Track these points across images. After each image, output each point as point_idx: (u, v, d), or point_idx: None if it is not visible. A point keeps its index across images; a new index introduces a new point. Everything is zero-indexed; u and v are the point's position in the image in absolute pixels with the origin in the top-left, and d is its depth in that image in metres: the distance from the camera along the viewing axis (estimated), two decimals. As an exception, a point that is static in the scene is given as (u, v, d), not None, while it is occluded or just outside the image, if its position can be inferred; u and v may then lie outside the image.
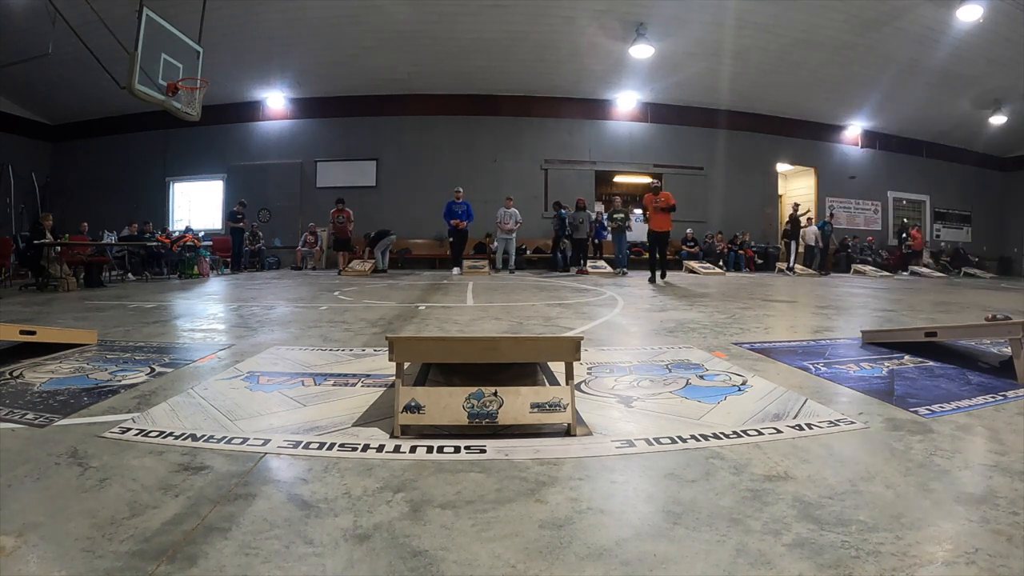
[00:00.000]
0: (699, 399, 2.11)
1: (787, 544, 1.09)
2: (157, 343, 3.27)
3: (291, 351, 3.01)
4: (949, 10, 9.77)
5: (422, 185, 13.01)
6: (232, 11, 9.61)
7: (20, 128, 13.09)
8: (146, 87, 6.46)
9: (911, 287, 9.00)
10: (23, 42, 9.27)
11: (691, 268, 11.92)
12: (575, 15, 10.47)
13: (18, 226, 11.69)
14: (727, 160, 13.96)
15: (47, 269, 7.19)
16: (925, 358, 2.83)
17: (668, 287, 7.77)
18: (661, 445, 1.64)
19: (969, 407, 2.03)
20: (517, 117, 13.51)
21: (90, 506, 1.23)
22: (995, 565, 1.01)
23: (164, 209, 13.71)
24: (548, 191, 13.58)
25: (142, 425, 1.77)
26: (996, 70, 11.53)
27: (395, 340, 1.77)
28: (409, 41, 11.10)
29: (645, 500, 1.31)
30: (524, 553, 1.06)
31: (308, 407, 1.99)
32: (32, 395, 2.10)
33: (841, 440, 1.69)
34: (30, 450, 1.56)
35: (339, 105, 13.30)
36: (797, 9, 10.14)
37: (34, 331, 2.81)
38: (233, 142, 13.51)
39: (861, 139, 15.18)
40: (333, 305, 5.27)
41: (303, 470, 1.46)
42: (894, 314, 5.04)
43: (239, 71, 11.79)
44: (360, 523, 1.18)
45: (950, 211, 16.39)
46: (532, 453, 1.56)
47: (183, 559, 1.03)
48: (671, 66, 11.84)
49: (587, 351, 2.78)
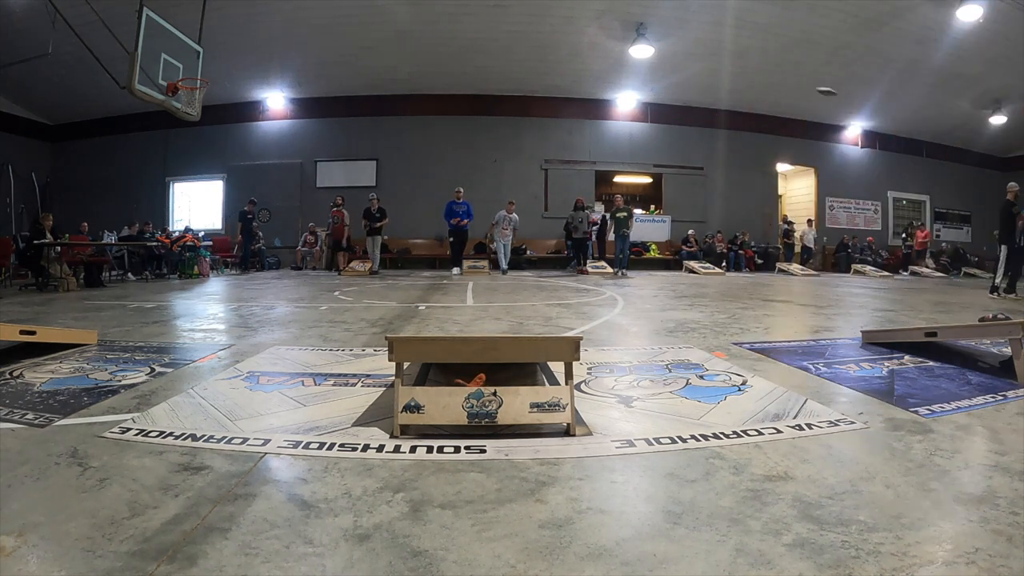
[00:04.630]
0: (699, 399, 2.11)
1: (787, 544, 1.09)
2: (157, 343, 3.27)
3: (291, 351, 3.01)
4: (949, 10, 9.76)
5: (422, 185, 13.01)
6: (232, 11, 9.60)
7: (20, 128, 13.08)
8: (146, 87, 6.46)
9: (911, 287, 9.00)
10: (23, 42, 9.26)
11: (691, 268, 11.92)
12: (575, 15, 10.46)
13: (18, 226, 11.68)
14: (727, 160, 13.95)
15: (47, 269, 7.19)
16: (925, 358, 2.83)
17: (668, 287, 7.76)
18: (661, 445, 1.64)
19: (969, 407, 2.03)
20: (517, 117, 13.51)
21: (90, 506, 1.23)
22: (995, 565, 1.01)
23: (164, 209, 13.70)
24: (548, 191, 13.59)
25: (142, 425, 1.77)
26: (996, 70, 11.52)
27: (395, 340, 1.77)
28: (409, 41, 11.09)
29: (645, 500, 1.31)
30: (524, 553, 1.06)
31: (308, 407, 1.99)
32: (32, 395, 2.10)
33: (841, 440, 1.69)
34: (30, 450, 1.56)
35: (339, 105, 13.29)
36: (797, 9, 10.13)
37: (34, 331, 2.81)
38: (233, 142, 13.51)
39: (861, 139, 15.18)
40: (333, 305, 5.27)
41: (303, 470, 1.46)
42: (894, 314, 5.04)
43: (239, 71, 11.78)
44: (360, 523, 1.18)
45: (950, 211, 16.38)
46: (532, 453, 1.56)
47: (183, 559, 1.03)
48: (671, 66, 11.83)
49: (587, 351, 2.78)
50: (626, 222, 10.57)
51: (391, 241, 12.66)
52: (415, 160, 13.33)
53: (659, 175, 14.31)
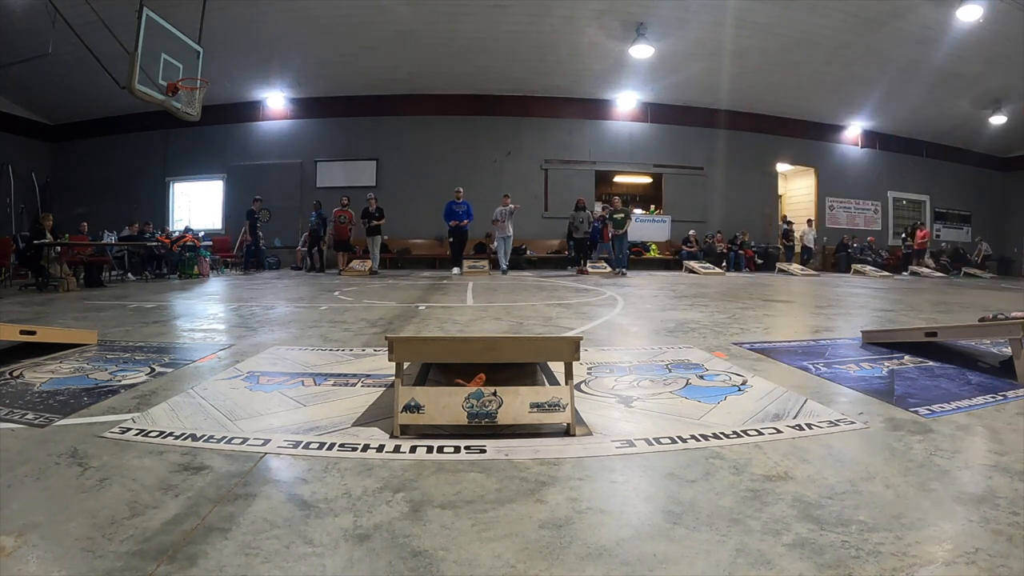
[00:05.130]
0: (699, 399, 2.11)
1: (787, 544, 1.09)
2: (157, 343, 3.27)
3: (291, 351, 3.01)
4: (949, 10, 9.76)
5: (422, 185, 13.01)
6: (232, 11, 9.60)
7: (20, 128, 13.08)
8: (146, 87, 6.46)
9: (911, 287, 9.00)
10: (23, 42, 9.26)
11: (691, 268, 11.92)
12: (575, 15, 10.46)
13: (18, 226, 11.68)
14: (727, 160, 13.95)
15: (47, 269, 7.19)
16: (925, 358, 2.83)
17: (668, 287, 7.76)
18: (661, 445, 1.64)
19: (969, 407, 2.02)
20: (517, 117, 13.52)
21: (90, 506, 1.23)
22: (995, 565, 1.01)
23: (164, 209, 13.70)
24: (548, 191, 13.59)
25: (142, 425, 1.77)
26: (996, 70, 11.52)
27: (395, 340, 1.77)
28: (409, 41, 11.10)
29: (645, 500, 1.31)
30: (524, 553, 1.06)
31: (308, 407, 1.99)
32: (32, 395, 2.10)
33: (841, 440, 1.69)
34: (30, 450, 1.56)
35: (339, 105, 13.30)
36: (797, 9, 10.13)
37: (34, 331, 2.81)
38: (233, 142, 13.51)
39: (861, 139, 15.18)
40: (333, 305, 5.27)
41: (303, 470, 1.46)
42: (894, 314, 5.04)
43: (239, 71, 11.78)
44: (360, 523, 1.18)
45: (950, 211, 16.39)
46: (532, 453, 1.56)
47: (183, 559, 1.03)
48: (671, 66, 11.83)
49: (587, 351, 2.78)
50: (623, 223, 10.58)
51: (391, 241, 12.66)
52: (415, 160, 13.33)
53: (659, 175, 14.31)
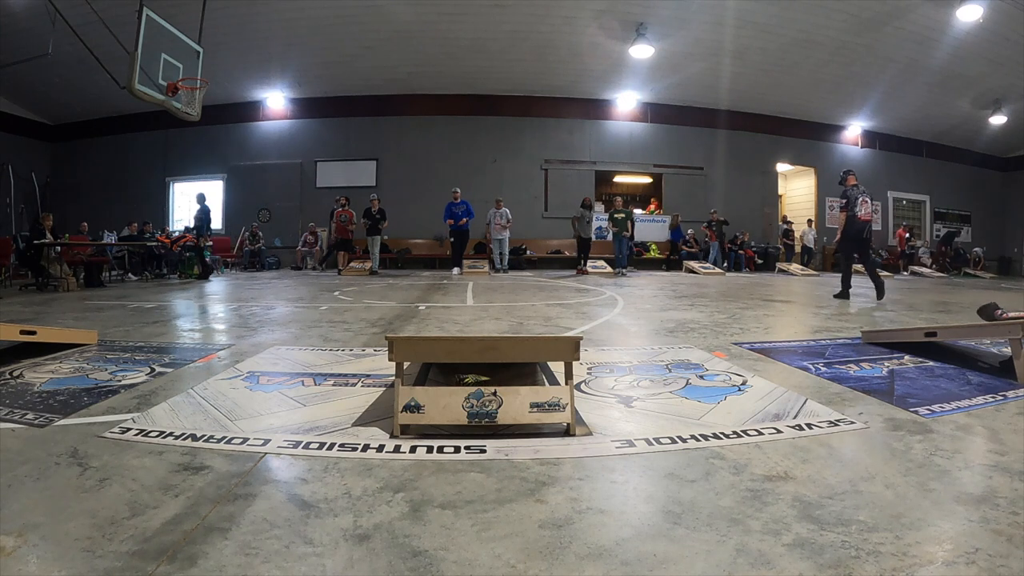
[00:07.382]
0: (699, 399, 2.11)
1: (787, 544, 1.09)
2: (157, 343, 3.27)
3: (291, 351, 3.01)
4: (949, 10, 9.76)
5: (422, 185, 13.00)
6: (232, 11, 9.60)
7: (20, 128, 13.08)
8: (146, 87, 6.46)
9: (911, 287, 8.99)
10: (23, 42, 9.26)
11: (691, 268, 11.92)
12: (575, 15, 10.46)
13: (18, 226, 11.67)
14: (727, 160, 13.94)
15: (47, 269, 7.19)
16: (925, 358, 2.83)
17: (668, 287, 7.76)
18: (661, 445, 1.64)
19: (969, 407, 2.02)
20: (517, 117, 13.51)
21: (90, 506, 1.23)
22: (995, 565, 1.01)
23: (164, 209, 13.70)
24: (548, 191, 13.59)
25: (142, 425, 1.77)
26: (996, 70, 11.52)
27: (395, 340, 1.77)
28: (409, 41, 11.09)
29: (645, 500, 1.31)
30: (524, 553, 1.06)
31: (308, 407, 1.99)
32: (32, 395, 2.10)
33: (841, 440, 1.69)
34: (30, 450, 1.56)
35: (339, 105, 13.29)
36: (797, 9, 10.13)
37: (34, 331, 2.81)
38: (233, 142, 13.50)
39: (861, 139, 15.17)
40: (333, 305, 5.27)
41: (303, 470, 1.46)
42: (894, 314, 5.04)
43: (239, 71, 11.78)
44: (360, 523, 1.18)
45: (950, 211, 16.38)
46: (532, 453, 1.56)
47: (183, 559, 1.03)
48: (671, 66, 11.83)
49: (587, 351, 2.78)
50: (625, 223, 10.59)
51: (391, 241, 12.65)
52: (415, 160, 13.32)
53: (659, 175, 14.31)
